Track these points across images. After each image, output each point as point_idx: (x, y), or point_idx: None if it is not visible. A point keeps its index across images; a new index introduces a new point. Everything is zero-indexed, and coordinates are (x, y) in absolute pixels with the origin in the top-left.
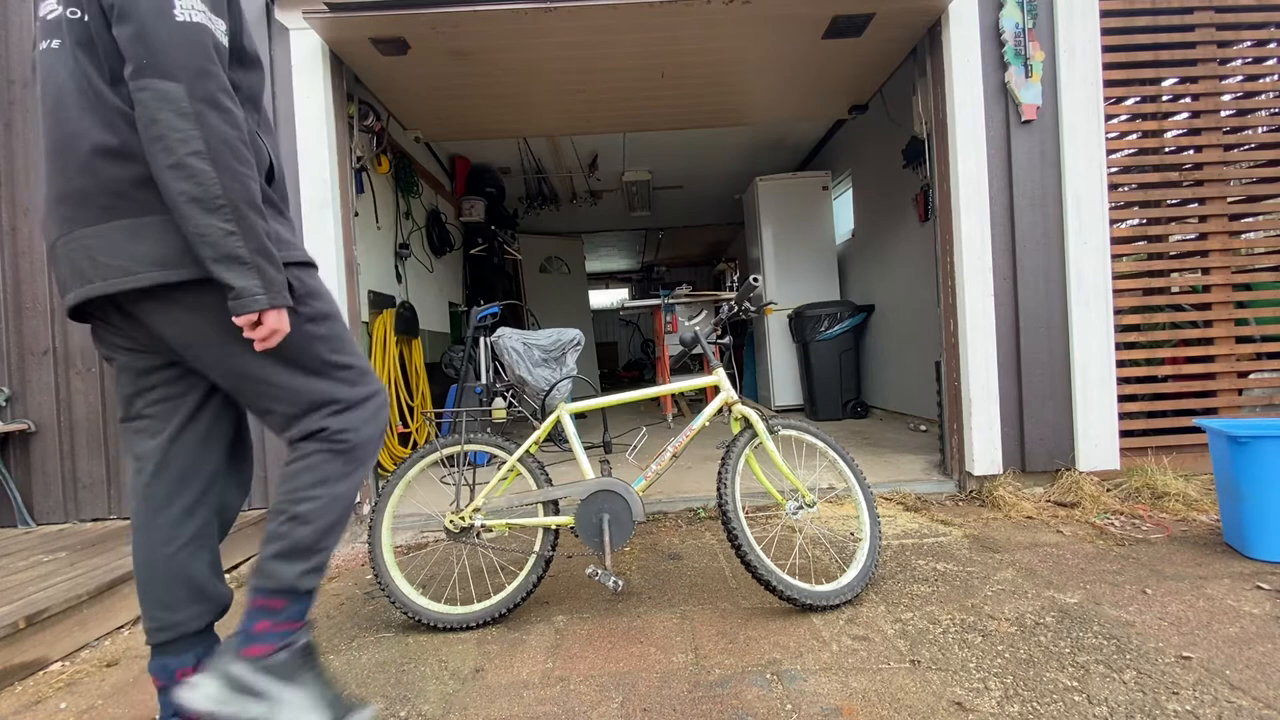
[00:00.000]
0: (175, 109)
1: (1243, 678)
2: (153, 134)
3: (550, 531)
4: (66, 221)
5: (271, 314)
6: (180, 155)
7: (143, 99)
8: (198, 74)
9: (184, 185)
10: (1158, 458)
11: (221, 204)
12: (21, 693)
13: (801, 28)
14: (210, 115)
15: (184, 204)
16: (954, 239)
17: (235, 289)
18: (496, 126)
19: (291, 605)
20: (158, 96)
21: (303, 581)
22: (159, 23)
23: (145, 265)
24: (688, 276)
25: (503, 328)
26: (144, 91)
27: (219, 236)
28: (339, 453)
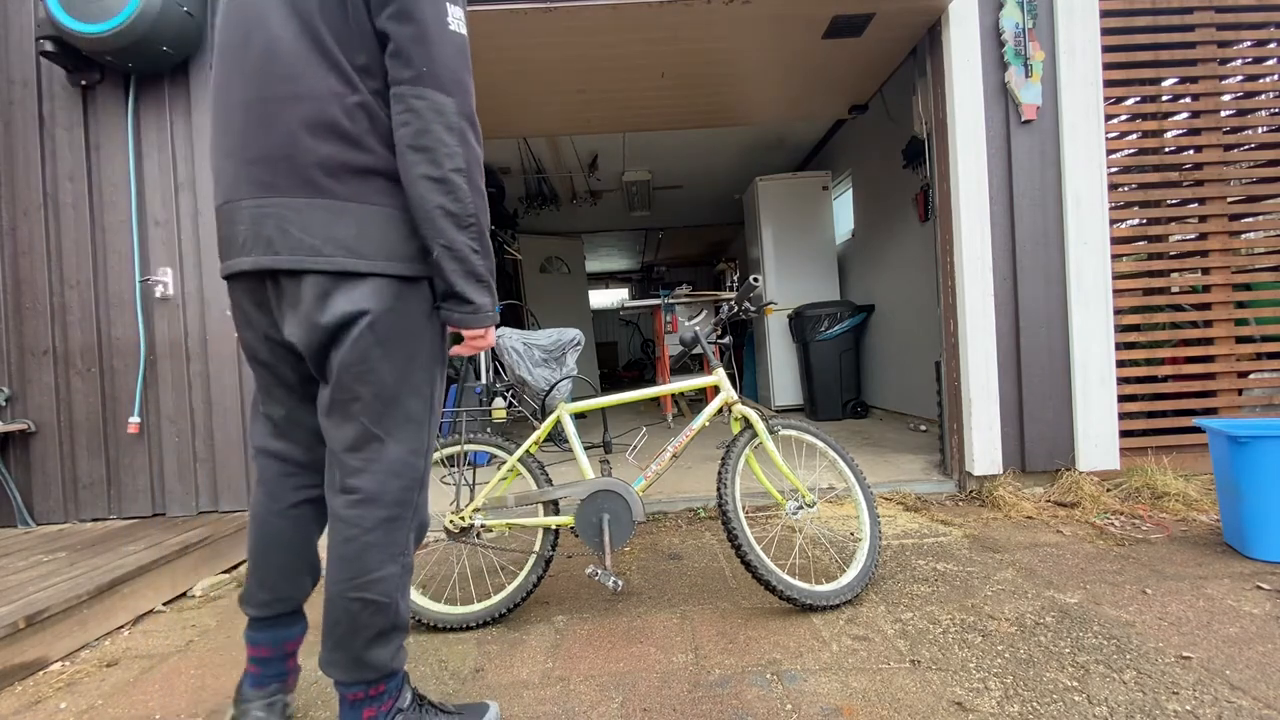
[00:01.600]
0: (445, 123)
1: (1243, 678)
2: (420, 143)
3: (550, 531)
4: (263, 186)
5: (492, 330)
6: (445, 170)
7: (418, 107)
8: (464, 90)
9: (443, 199)
10: (1158, 458)
11: (472, 223)
12: (21, 693)
13: (801, 27)
14: (470, 134)
15: (440, 217)
16: (954, 239)
17: (475, 304)
18: (496, 126)
19: (392, 681)
20: (433, 108)
21: (399, 659)
22: (441, 32)
23: (339, 250)
24: (688, 276)
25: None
26: (420, 100)
27: (467, 253)
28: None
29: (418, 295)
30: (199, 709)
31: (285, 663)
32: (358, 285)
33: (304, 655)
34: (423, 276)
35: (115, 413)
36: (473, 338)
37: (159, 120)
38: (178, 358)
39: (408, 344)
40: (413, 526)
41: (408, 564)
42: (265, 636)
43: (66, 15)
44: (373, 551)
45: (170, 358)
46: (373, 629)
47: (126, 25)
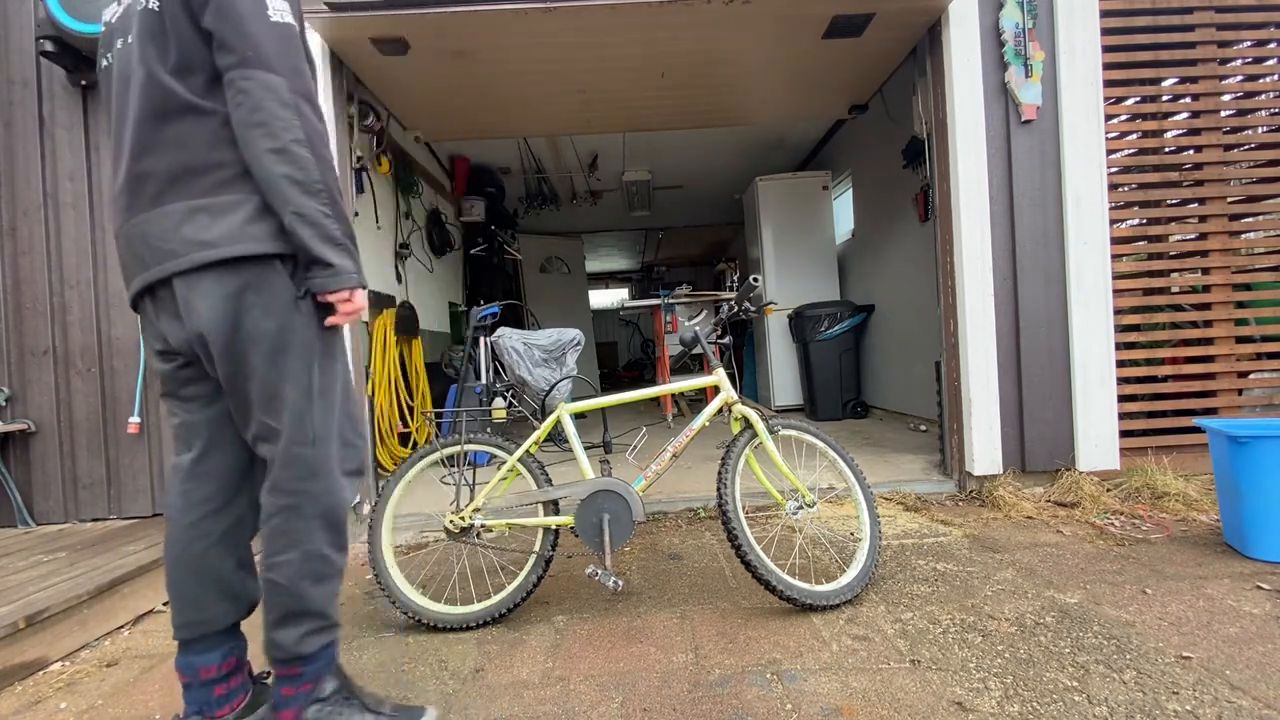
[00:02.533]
0: (279, 99)
1: (1243, 678)
2: (256, 119)
3: (550, 531)
4: (124, 210)
5: (360, 292)
6: (285, 141)
7: (247, 88)
8: (294, 71)
9: (287, 168)
10: (1158, 458)
11: (320, 189)
12: (21, 693)
13: (801, 27)
14: (305, 108)
15: (286, 185)
16: (954, 239)
17: (335, 265)
18: (496, 126)
19: (307, 666)
20: (264, 86)
21: (305, 645)
22: (258, 21)
23: (193, 247)
24: (688, 276)
25: (503, 328)
26: (249, 81)
27: (320, 217)
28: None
29: (278, 282)
30: None
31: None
32: (217, 275)
33: None
34: (277, 254)
35: (115, 413)
36: (340, 303)
37: None
38: None
39: (276, 334)
40: (314, 515)
41: (311, 552)
42: None
43: (66, 15)
44: (275, 537)
45: None
46: (277, 610)
47: None
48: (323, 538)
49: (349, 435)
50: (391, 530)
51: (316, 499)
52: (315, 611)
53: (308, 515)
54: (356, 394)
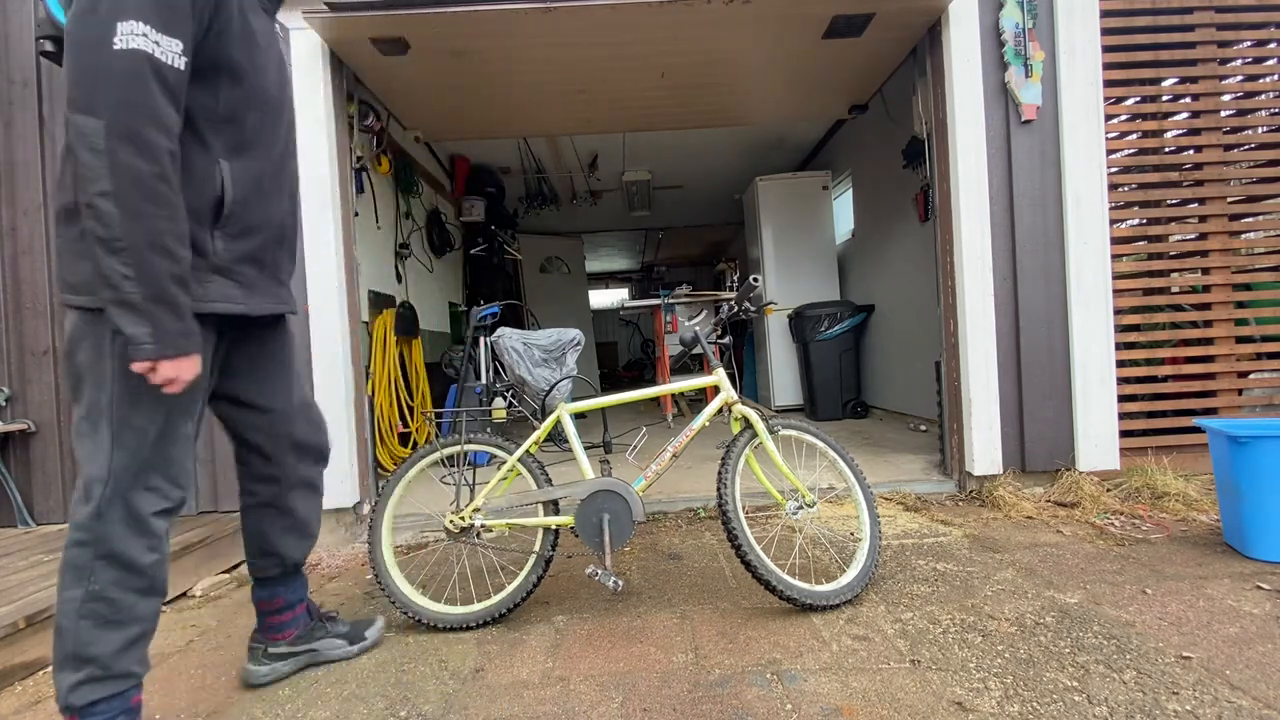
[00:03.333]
0: (89, 145)
1: (1243, 678)
2: (76, 170)
3: (550, 531)
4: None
5: (165, 364)
6: (90, 194)
7: (68, 135)
8: (121, 106)
9: (91, 224)
10: (1158, 458)
11: (122, 246)
12: (21, 693)
13: (801, 27)
14: (123, 152)
15: (93, 242)
16: (954, 239)
17: (125, 335)
18: (496, 126)
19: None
20: (77, 132)
21: (74, 697)
22: (90, 54)
23: (63, 288)
24: (688, 276)
25: (503, 328)
26: (69, 128)
27: (117, 279)
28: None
29: (96, 329)
30: (199, 709)
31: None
32: (68, 318)
33: None
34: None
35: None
36: (146, 373)
37: None
38: None
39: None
40: (97, 555)
41: (94, 592)
42: None
43: (66, 15)
44: (63, 572)
45: None
46: (57, 651)
47: None
48: (109, 577)
49: (154, 481)
50: (391, 530)
51: (101, 539)
52: (90, 658)
53: (91, 555)
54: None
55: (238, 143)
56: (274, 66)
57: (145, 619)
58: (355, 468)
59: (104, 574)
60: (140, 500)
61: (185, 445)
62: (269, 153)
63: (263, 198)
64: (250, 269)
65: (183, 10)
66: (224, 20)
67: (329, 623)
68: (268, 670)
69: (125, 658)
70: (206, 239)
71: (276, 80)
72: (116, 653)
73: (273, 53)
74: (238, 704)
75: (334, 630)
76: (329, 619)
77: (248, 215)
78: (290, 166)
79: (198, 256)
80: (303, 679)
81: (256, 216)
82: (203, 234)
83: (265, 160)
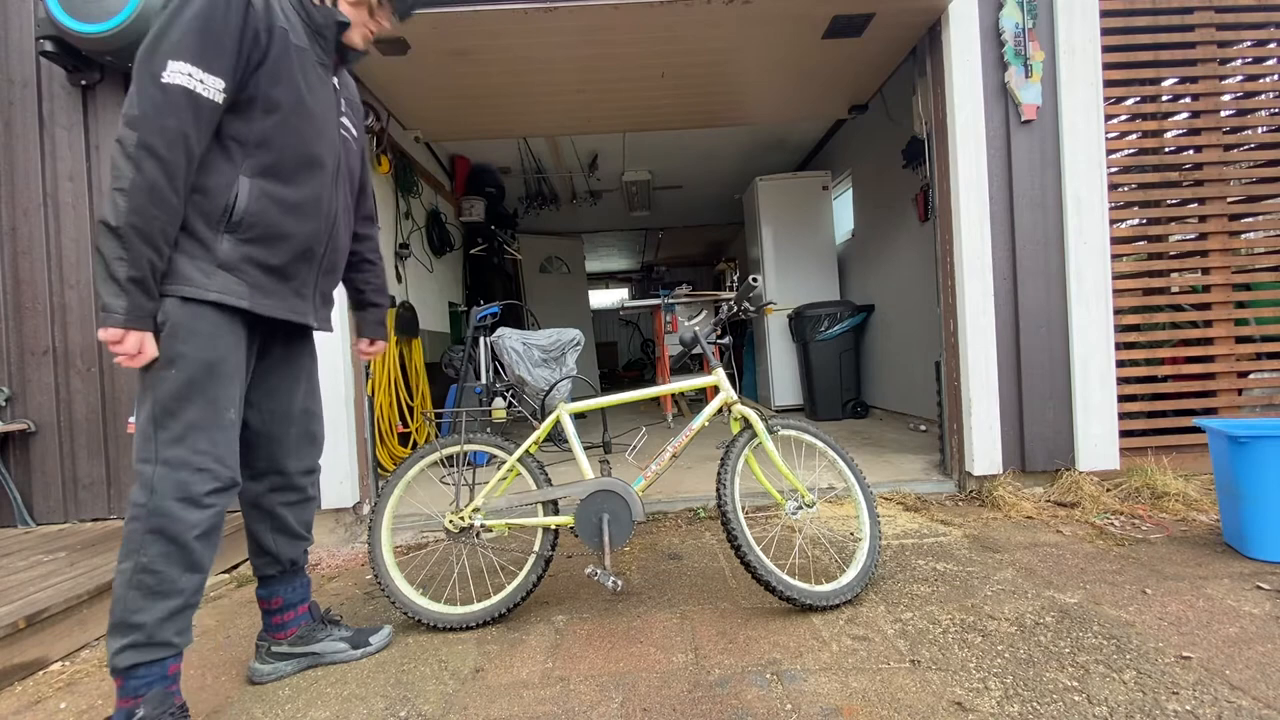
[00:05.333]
0: (123, 151)
1: (1243, 678)
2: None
3: (550, 531)
4: None
5: (132, 335)
6: (111, 188)
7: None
8: (154, 128)
9: (105, 212)
10: (1158, 458)
11: (123, 233)
12: (21, 693)
13: (801, 28)
14: (147, 162)
15: (100, 227)
16: (954, 239)
17: (103, 304)
18: (496, 126)
19: (125, 683)
20: (119, 138)
21: (119, 659)
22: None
23: None
24: (688, 276)
25: (503, 328)
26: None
27: (111, 257)
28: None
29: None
30: (199, 709)
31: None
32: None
33: None
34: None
35: (115, 413)
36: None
37: None
38: None
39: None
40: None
41: (142, 564)
42: None
43: (66, 15)
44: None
45: None
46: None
47: (126, 25)
48: (156, 550)
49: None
50: (391, 530)
51: (150, 514)
52: (138, 625)
53: (141, 529)
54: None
55: (266, 166)
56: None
57: (187, 592)
58: (355, 468)
59: (152, 548)
60: (192, 481)
61: (229, 431)
62: (306, 185)
63: (290, 217)
64: (261, 273)
65: (228, 52)
66: (272, 61)
67: (333, 626)
68: (270, 669)
69: (166, 627)
70: (213, 238)
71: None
72: (159, 622)
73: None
74: (238, 704)
75: (337, 634)
76: (333, 622)
77: (264, 227)
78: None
79: (204, 251)
80: (303, 679)
81: (279, 231)
82: (211, 234)
83: (299, 188)
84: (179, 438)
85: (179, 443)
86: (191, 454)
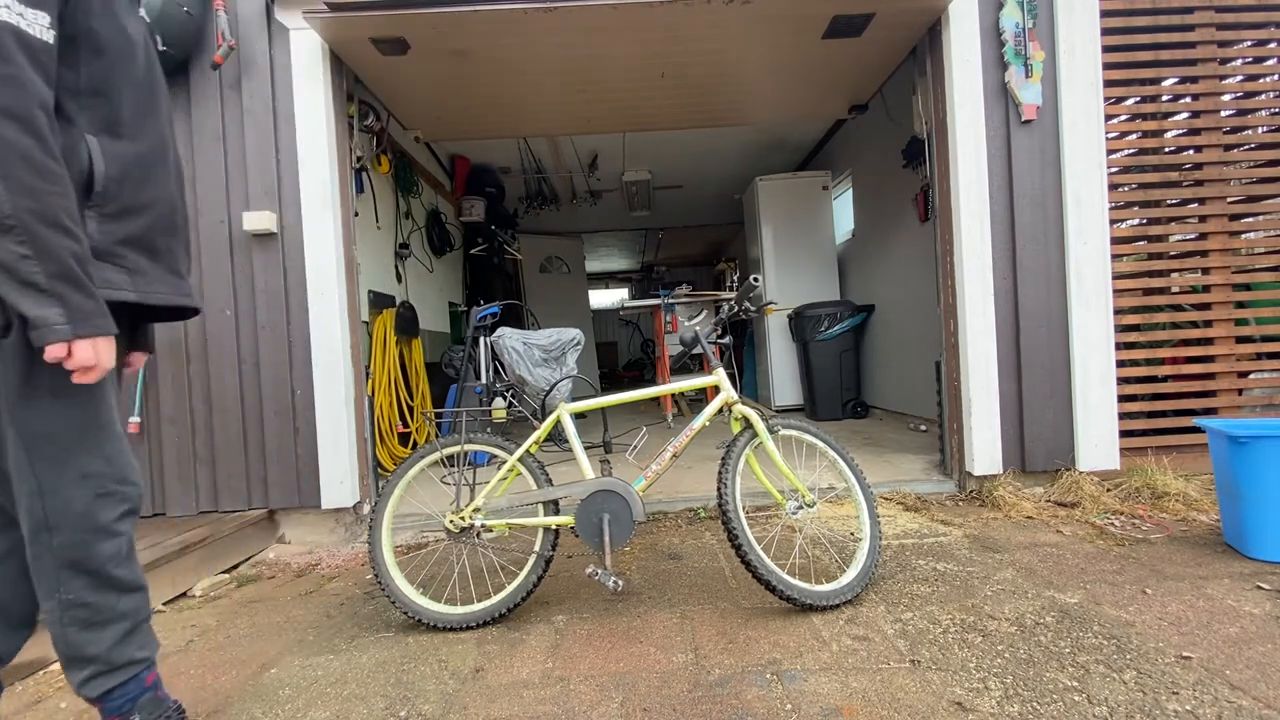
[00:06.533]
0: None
1: (1243, 678)
2: None
3: (550, 531)
4: None
5: (82, 345)
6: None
7: None
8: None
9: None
10: (1158, 458)
11: (13, 224)
12: (21, 692)
13: (801, 27)
14: (5, 129)
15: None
16: (954, 239)
17: (31, 319)
18: (496, 126)
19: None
20: None
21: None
22: None
23: None
24: (688, 276)
25: (503, 327)
26: None
27: (14, 260)
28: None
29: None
30: (199, 709)
31: None
32: None
33: None
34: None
35: None
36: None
37: None
38: (178, 358)
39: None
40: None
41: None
42: None
43: None
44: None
45: (170, 358)
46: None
47: None
48: (79, 584)
49: (103, 483)
50: (391, 530)
51: (56, 551)
52: (90, 657)
53: (52, 566)
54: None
55: (109, 119)
56: (141, 48)
57: (131, 614)
58: (355, 467)
59: (72, 582)
60: (96, 508)
61: (117, 441)
62: (149, 133)
63: (147, 179)
64: (136, 254)
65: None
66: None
67: None
68: None
69: (124, 649)
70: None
71: (145, 63)
72: (113, 647)
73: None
74: (238, 704)
75: None
76: None
77: (127, 196)
78: (175, 152)
79: None
80: (303, 678)
81: (140, 198)
82: None
83: (145, 141)
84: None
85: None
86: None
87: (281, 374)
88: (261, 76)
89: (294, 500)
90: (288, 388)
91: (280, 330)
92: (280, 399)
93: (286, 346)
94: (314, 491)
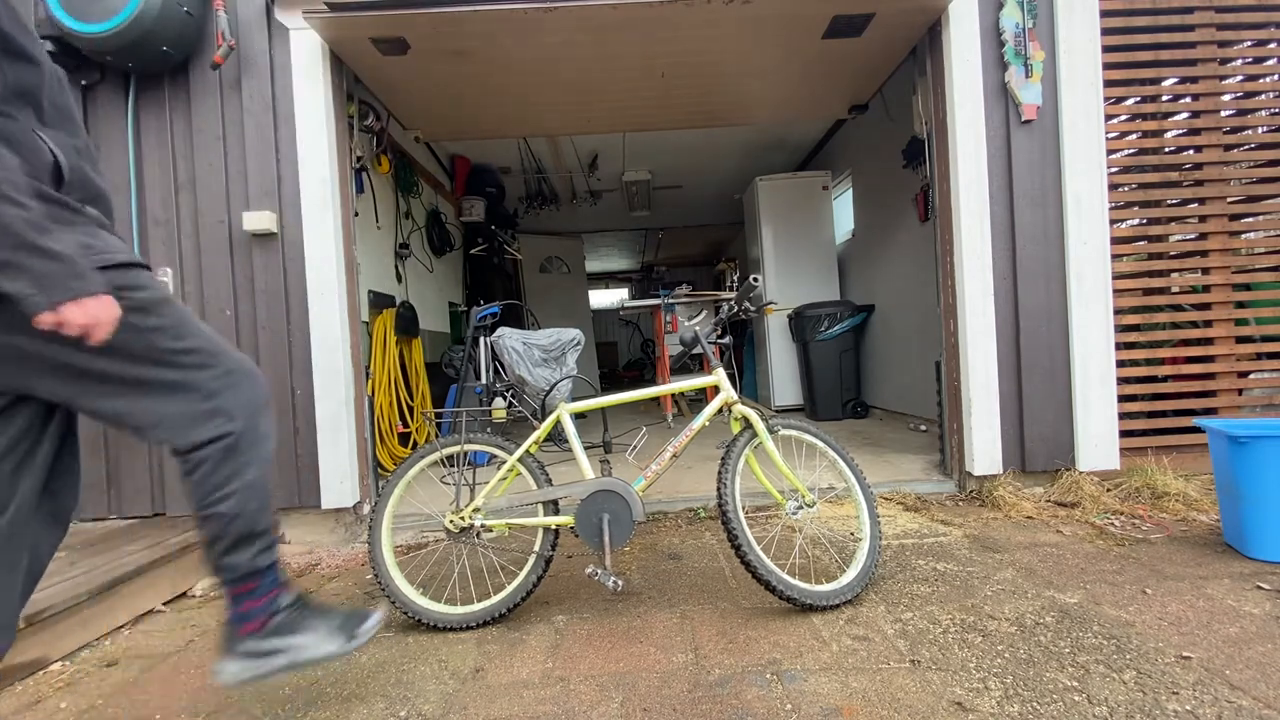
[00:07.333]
0: None
1: (1243, 678)
2: None
3: (550, 531)
4: None
5: (69, 309)
6: None
7: None
8: None
9: None
10: (1158, 458)
11: None
12: (21, 693)
13: (801, 28)
14: None
15: None
16: (954, 239)
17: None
18: (496, 126)
19: (264, 579)
20: None
21: (261, 560)
22: None
23: None
24: (688, 276)
25: (503, 327)
26: None
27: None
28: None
29: None
30: (199, 709)
31: None
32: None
33: None
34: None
35: None
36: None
37: (159, 120)
38: None
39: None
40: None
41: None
42: None
43: (66, 15)
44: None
45: None
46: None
47: (126, 25)
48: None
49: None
50: (391, 530)
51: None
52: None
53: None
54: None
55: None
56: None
57: None
58: (355, 467)
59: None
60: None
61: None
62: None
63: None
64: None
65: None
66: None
67: None
68: None
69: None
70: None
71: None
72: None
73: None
74: (238, 703)
75: None
76: None
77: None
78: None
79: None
80: (303, 678)
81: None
82: None
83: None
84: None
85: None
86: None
87: (281, 374)
88: (261, 76)
89: (294, 500)
90: (288, 388)
91: (280, 330)
92: (280, 399)
93: (286, 347)
94: (314, 491)
